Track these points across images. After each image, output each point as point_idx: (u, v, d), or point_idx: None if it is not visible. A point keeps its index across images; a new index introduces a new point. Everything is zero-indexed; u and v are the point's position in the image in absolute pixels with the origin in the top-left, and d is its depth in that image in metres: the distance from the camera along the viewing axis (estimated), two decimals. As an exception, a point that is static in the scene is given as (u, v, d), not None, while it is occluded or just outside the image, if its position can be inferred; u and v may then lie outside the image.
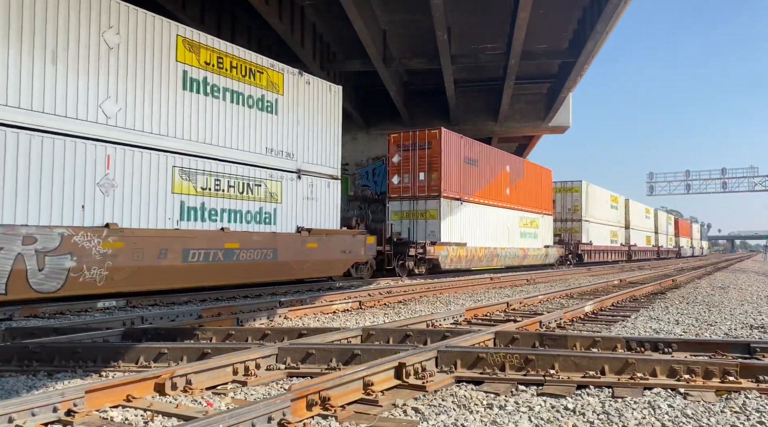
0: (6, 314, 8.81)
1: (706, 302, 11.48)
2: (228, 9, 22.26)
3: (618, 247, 41.42)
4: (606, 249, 38.24)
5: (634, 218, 45.56)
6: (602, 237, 37.84)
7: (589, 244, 34.46)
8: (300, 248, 13.91)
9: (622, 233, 43.71)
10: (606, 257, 38.22)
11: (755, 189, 72.77)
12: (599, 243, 36.82)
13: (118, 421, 3.55)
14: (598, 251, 36.37)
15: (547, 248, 29.42)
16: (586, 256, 33.95)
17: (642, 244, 47.33)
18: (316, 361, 4.94)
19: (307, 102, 14.87)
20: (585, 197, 34.64)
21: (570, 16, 23.99)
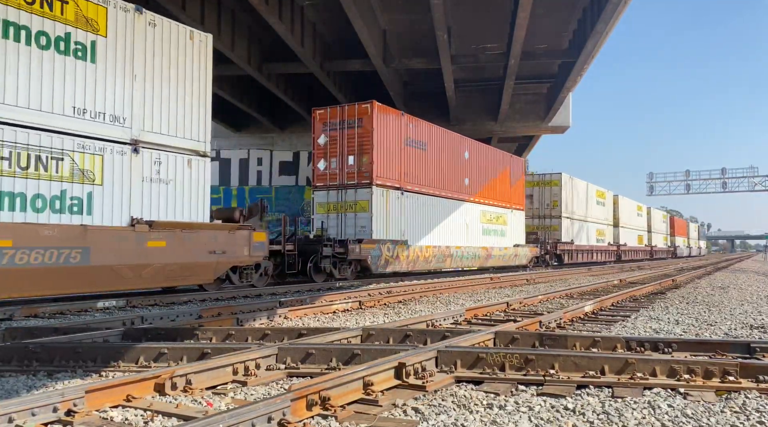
0: (6, 314, 8.81)
1: (706, 301, 11.48)
2: (228, 9, 22.25)
3: (605, 246, 38.74)
4: (590, 249, 35.76)
5: (624, 215, 42.83)
6: (586, 235, 35.65)
7: (569, 243, 31.94)
8: (134, 247, 10.32)
9: (610, 231, 41.08)
10: (590, 258, 35.45)
11: (755, 189, 72.76)
12: (582, 242, 34.46)
13: (118, 421, 3.55)
14: (580, 251, 33.69)
15: (517, 248, 26.93)
16: (566, 256, 31.17)
17: (633, 243, 44.45)
18: (316, 361, 4.94)
19: (151, 50, 11.11)
20: (566, 191, 32.41)
21: (570, 16, 23.99)
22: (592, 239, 36.60)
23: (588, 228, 36.17)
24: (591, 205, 37.13)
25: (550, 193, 32.02)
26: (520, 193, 27.99)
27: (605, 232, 39.87)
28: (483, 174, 24.23)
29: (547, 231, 31.42)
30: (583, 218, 35.45)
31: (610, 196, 42.26)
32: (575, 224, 33.74)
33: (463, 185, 22.35)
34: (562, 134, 34.95)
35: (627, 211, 44.02)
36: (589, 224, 36.39)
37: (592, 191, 37.65)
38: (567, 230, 32.37)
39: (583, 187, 35.82)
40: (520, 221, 27.78)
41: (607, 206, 40.98)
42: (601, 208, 39.30)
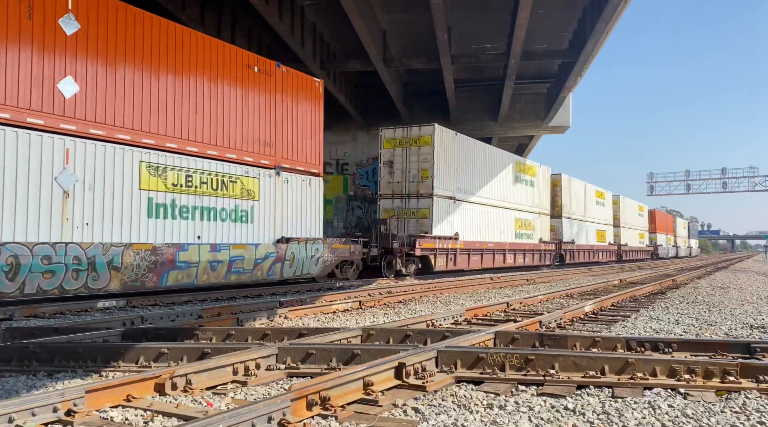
0: (6, 314, 8.81)
1: (707, 301, 11.47)
2: (228, 9, 22.25)
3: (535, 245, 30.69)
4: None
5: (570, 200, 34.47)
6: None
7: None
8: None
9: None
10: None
11: (755, 189, 72.80)
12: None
13: (118, 421, 3.55)
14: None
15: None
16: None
17: (592, 241, 37.13)
18: (316, 361, 4.94)
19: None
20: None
21: (570, 16, 23.98)
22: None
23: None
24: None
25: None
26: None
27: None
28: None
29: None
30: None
31: (610, 196, 41.34)
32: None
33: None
34: (562, 134, 34.94)
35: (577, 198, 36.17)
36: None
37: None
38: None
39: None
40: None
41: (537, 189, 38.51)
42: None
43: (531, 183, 28.76)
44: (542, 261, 29.17)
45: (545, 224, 30.24)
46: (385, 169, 21.48)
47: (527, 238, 27.93)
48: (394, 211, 20.85)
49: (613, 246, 41.06)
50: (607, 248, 38.77)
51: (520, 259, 27.01)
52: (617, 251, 40.63)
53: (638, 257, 47.71)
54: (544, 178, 30.56)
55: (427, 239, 19.78)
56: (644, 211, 52.97)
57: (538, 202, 29.32)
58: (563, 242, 31.34)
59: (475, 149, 23.84)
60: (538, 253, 28.70)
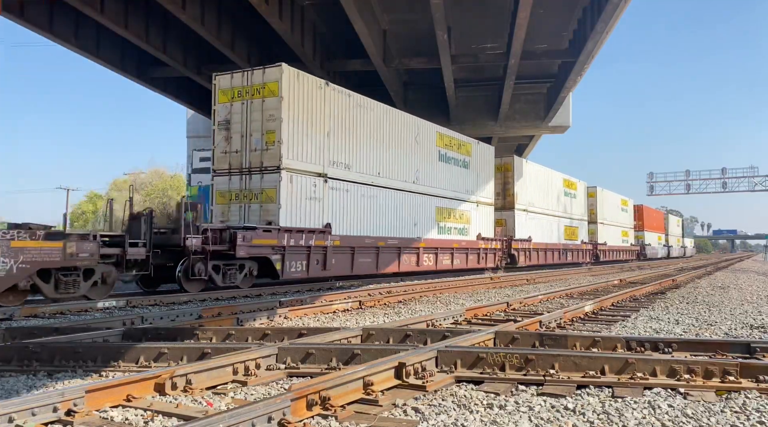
0: (6, 314, 8.81)
1: (706, 301, 11.48)
2: (228, 9, 22.25)
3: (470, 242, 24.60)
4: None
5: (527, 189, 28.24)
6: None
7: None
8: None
9: (475, 216, 29.83)
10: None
11: (755, 189, 72.83)
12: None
13: (118, 421, 3.55)
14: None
15: None
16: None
17: (558, 239, 31.37)
18: (316, 361, 4.93)
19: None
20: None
21: (570, 16, 23.99)
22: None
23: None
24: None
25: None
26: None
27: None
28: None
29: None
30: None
31: (583, 187, 35.72)
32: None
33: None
34: (562, 134, 34.93)
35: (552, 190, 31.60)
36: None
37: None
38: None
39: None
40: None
41: (580, 199, 34.52)
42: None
43: (464, 163, 22.46)
44: (483, 263, 23.12)
45: (487, 217, 24.40)
46: (221, 134, 14.93)
47: (459, 233, 21.72)
48: (232, 193, 14.73)
49: (588, 245, 34.97)
50: (579, 248, 33.34)
51: (446, 259, 20.73)
52: (593, 251, 35.68)
53: (620, 258, 41.84)
54: (484, 159, 24.34)
55: (264, 233, 13.52)
56: (628, 206, 46.12)
57: (476, 188, 23.22)
58: (515, 240, 25.66)
59: (362, 109, 17.08)
60: (475, 253, 22.59)
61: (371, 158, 17.41)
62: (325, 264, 15.19)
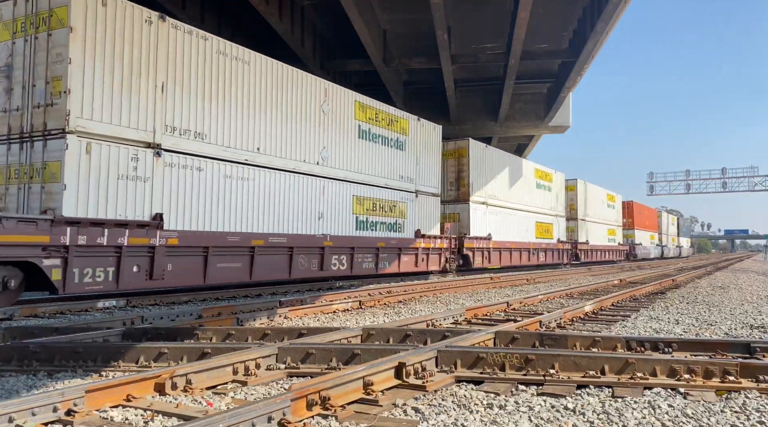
0: (6, 314, 8.81)
1: (706, 301, 11.48)
2: (228, 9, 22.26)
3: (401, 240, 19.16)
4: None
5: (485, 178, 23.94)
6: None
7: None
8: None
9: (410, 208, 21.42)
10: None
11: (755, 189, 72.89)
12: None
13: (118, 421, 3.55)
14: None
15: None
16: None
17: (527, 237, 26.97)
18: (316, 361, 4.93)
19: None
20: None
21: (570, 15, 23.99)
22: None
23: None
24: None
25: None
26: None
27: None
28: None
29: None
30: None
31: (560, 180, 31.46)
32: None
33: None
34: (562, 134, 34.94)
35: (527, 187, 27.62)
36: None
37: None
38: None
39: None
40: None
41: (557, 192, 30.69)
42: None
43: (398, 144, 17.99)
44: (423, 265, 18.85)
45: (430, 211, 19.72)
46: (0, 84, 10.23)
47: (389, 230, 17.33)
48: (11, 169, 9.96)
49: (565, 244, 30.96)
50: (554, 247, 29.43)
51: (369, 261, 16.44)
52: (572, 250, 31.93)
53: (605, 258, 37.90)
54: (427, 140, 19.78)
55: (21, 225, 8.75)
56: (616, 202, 41.65)
57: (414, 175, 18.76)
58: (470, 238, 21.56)
59: (229, 59, 12.39)
60: (412, 253, 18.21)
61: (246, 128, 12.54)
62: (153, 271, 10.43)
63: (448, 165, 22.36)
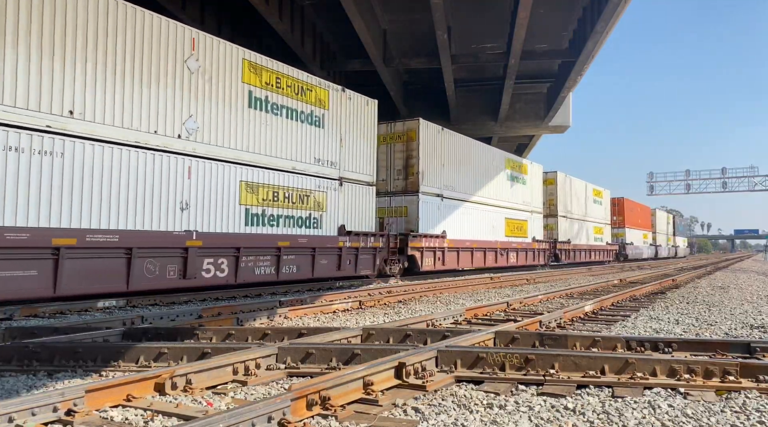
0: (6, 314, 8.81)
1: (706, 301, 11.48)
2: (228, 9, 22.26)
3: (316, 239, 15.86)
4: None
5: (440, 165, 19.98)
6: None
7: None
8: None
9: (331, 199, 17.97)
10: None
11: (755, 189, 72.95)
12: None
13: (118, 421, 3.55)
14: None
15: None
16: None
17: (495, 235, 23.51)
18: (316, 361, 4.93)
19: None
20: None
21: (570, 15, 24.00)
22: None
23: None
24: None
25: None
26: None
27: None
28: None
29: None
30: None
31: (538, 172, 28.21)
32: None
33: None
34: (562, 134, 34.95)
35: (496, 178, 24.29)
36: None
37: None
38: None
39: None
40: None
41: (532, 186, 27.48)
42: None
43: (312, 118, 14.43)
44: (348, 269, 15.32)
45: (362, 203, 16.12)
46: None
47: (298, 226, 13.81)
48: None
49: (541, 244, 27.82)
50: (528, 246, 26.39)
51: (264, 264, 12.84)
52: (550, 250, 28.95)
53: (591, 259, 34.86)
54: (352, 115, 15.92)
55: None
56: (604, 198, 38.35)
57: (337, 158, 15.15)
58: (416, 236, 18.00)
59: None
60: (330, 254, 14.64)
61: (49, 82, 9.25)
62: None
63: (394, 150, 19.03)
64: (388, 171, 18.95)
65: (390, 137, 19.18)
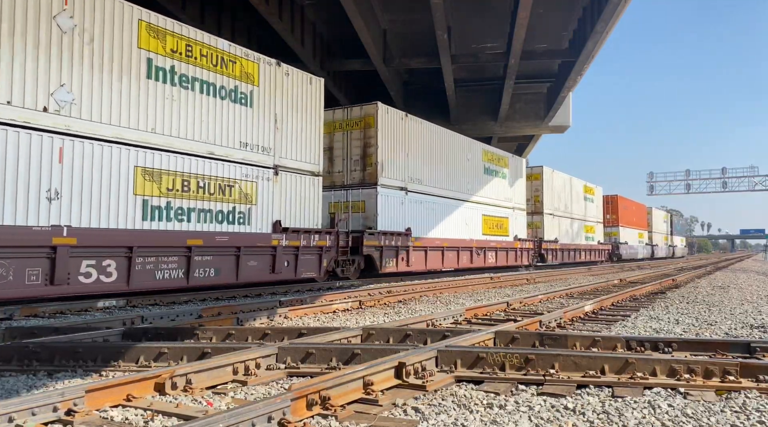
0: (6, 314, 8.81)
1: (706, 301, 11.47)
2: (228, 9, 22.27)
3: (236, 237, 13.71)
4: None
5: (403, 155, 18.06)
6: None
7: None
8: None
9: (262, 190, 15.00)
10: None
11: (755, 189, 72.99)
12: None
13: (118, 421, 3.55)
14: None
15: None
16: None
17: (470, 233, 21.58)
18: (316, 360, 4.93)
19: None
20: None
21: (570, 15, 24.01)
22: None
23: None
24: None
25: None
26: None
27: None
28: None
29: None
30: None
31: (521, 165, 26.41)
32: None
33: None
34: (562, 134, 34.96)
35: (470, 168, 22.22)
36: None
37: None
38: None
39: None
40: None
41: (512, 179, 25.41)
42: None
43: (237, 95, 12.21)
44: (287, 271, 13.09)
45: (305, 195, 13.89)
46: None
47: (218, 221, 11.68)
48: None
49: (525, 243, 25.82)
50: (509, 246, 24.42)
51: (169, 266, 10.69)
52: (535, 250, 27.03)
53: (580, 259, 32.91)
54: (291, 94, 13.66)
55: None
56: (595, 195, 36.49)
57: (268, 141, 12.93)
58: (372, 233, 16.06)
59: None
60: (266, 254, 12.56)
61: None
62: None
63: (350, 138, 17.07)
64: (344, 162, 17.09)
65: (347, 124, 17.19)
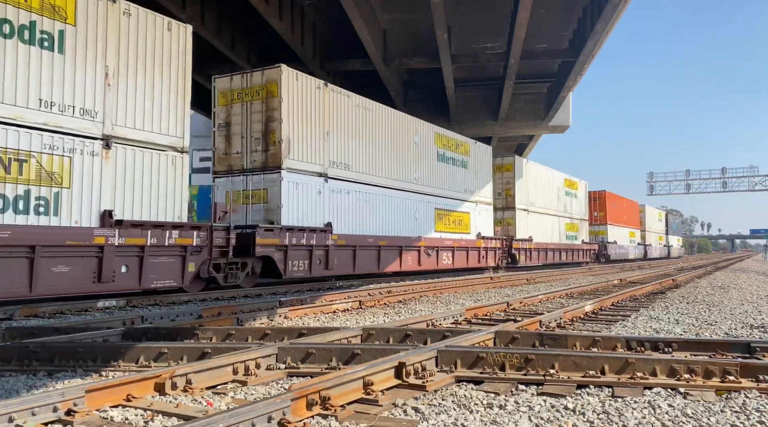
0: (6, 314, 8.81)
1: (706, 301, 11.47)
2: (228, 9, 22.27)
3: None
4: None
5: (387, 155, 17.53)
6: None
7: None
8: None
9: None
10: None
11: (755, 189, 72.98)
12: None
13: (118, 421, 3.55)
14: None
15: None
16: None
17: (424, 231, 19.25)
18: (316, 361, 4.93)
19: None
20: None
21: (570, 15, 24.01)
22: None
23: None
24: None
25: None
26: None
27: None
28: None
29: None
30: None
31: (486, 154, 24.00)
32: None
33: None
34: (562, 134, 34.95)
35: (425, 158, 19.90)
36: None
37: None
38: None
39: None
40: None
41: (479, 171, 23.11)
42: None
43: (35, 35, 8.92)
44: (121, 277, 9.95)
45: (160, 180, 10.77)
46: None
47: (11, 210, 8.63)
48: None
49: (490, 241, 23.18)
50: (472, 245, 21.90)
51: None
52: (504, 249, 24.46)
53: (561, 260, 30.17)
54: (134, 40, 10.42)
55: None
56: (579, 189, 33.54)
57: (93, 104, 9.71)
58: (268, 229, 13.27)
59: None
60: (78, 258, 9.36)
61: None
62: None
63: (251, 110, 14.13)
64: (244, 140, 14.14)
65: (246, 93, 14.10)
